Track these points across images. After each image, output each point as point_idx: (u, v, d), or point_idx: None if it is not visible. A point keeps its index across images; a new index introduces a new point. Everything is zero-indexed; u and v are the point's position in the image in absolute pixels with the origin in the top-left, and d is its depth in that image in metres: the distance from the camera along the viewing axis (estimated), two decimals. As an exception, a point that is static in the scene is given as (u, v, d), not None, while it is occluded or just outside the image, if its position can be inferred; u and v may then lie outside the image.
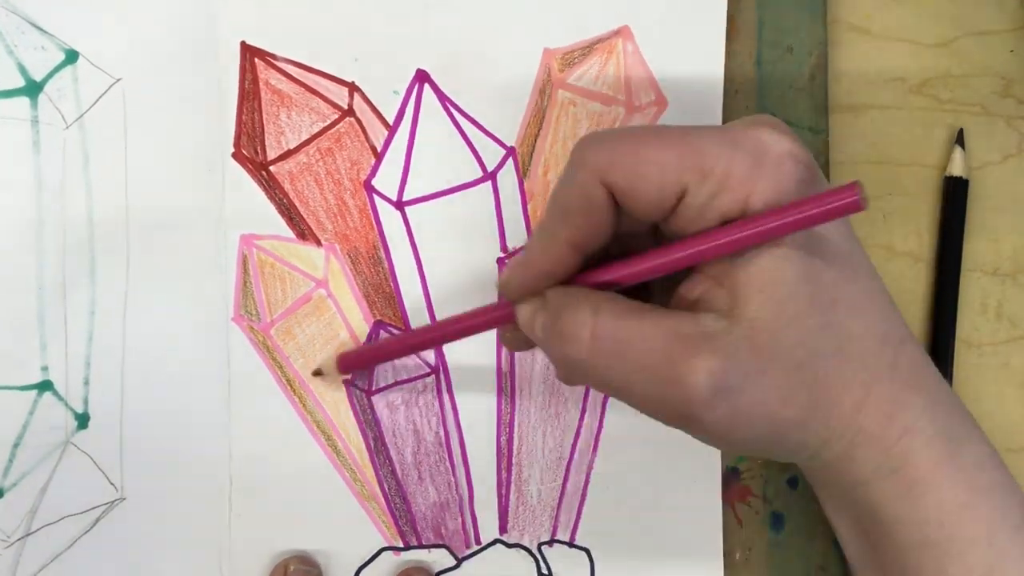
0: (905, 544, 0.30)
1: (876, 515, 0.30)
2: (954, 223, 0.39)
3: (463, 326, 0.33)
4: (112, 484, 0.38)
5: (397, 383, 0.38)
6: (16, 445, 0.37)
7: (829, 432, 0.29)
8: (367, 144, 0.38)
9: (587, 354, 0.28)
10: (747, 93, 0.39)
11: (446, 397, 0.39)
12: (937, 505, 0.29)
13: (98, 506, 0.38)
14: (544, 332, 0.30)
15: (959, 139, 0.39)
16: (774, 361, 0.27)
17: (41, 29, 0.37)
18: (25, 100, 0.37)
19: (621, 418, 0.39)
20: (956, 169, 0.39)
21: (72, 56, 0.37)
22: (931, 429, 0.29)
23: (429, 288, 0.38)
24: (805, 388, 0.28)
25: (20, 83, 0.37)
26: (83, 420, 0.38)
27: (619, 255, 0.30)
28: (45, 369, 0.37)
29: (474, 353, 0.39)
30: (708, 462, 0.39)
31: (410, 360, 0.38)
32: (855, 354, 0.29)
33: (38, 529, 0.37)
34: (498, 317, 0.32)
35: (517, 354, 0.39)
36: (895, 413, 0.29)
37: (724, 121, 0.38)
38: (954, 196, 0.39)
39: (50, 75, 0.37)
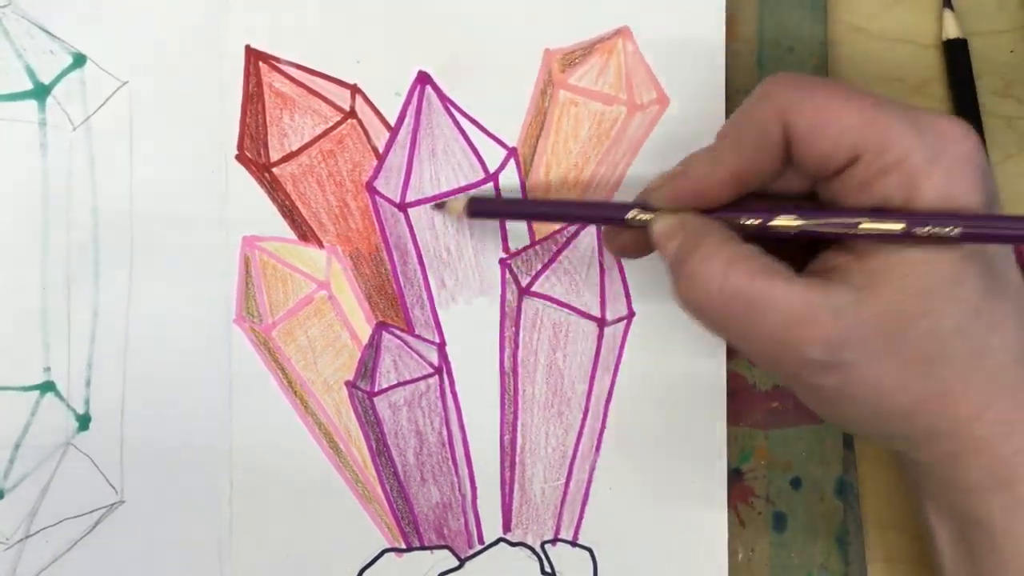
0: (1009, 556, 0.29)
1: (981, 524, 0.30)
2: (964, 86, 0.39)
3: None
4: (112, 486, 0.38)
5: (400, 383, 0.38)
6: (17, 446, 0.37)
7: (938, 431, 0.29)
8: (369, 146, 0.38)
9: (710, 304, 0.29)
10: (749, 92, 0.39)
11: (449, 397, 0.39)
12: None
13: (98, 508, 0.38)
14: (673, 260, 0.30)
15: (947, 2, 0.40)
16: (899, 347, 0.28)
17: (50, 33, 0.37)
18: (33, 103, 0.37)
19: (624, 418, 0.39)
20: (951, 31, 0.39)
21: (80, 60, 0.37)
22: None
23: (432, 290, 0.38)
24: (923, 381, 0.28)
25: (28, 86, 0.37)
26: (84, 422, 0.38)
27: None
28: (47, 370, 0.37)
29: (477, 353, 0.39)
30: (713, 462, 0.39)
31: (412, 360, 0.38)
32: (985, 366, 0.28)
33: (37, 531, 0.37)
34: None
35: (520, 354, 0.39)
36: (1015, 432, 0.28)
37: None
38: (957, 59, 0.39)
39: (58, 78, 0.37)
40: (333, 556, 0.38)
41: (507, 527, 0.39)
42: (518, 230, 0.39)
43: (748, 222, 0.30)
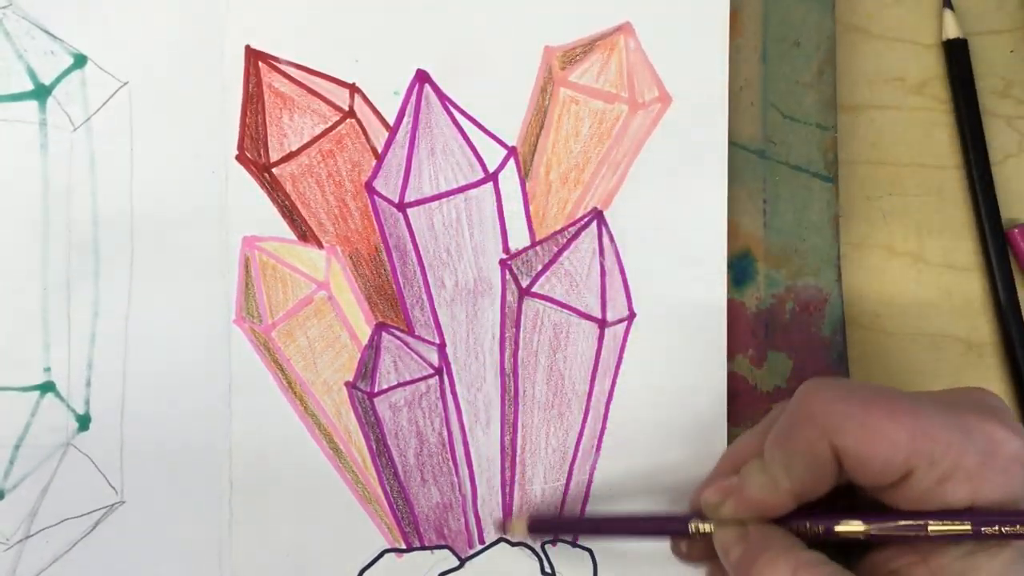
0: None
1: None
2: (964, 86, 0.40)
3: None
4: (112, 487, 0.38)
5: (400, 384, 0.38)
6: (17, 446, 0.37)
7: None
8: (368, 146, 0.38)
9: None
10: (753, 88, 0.39)
11: (449, 398, 0.39)
12: None
13: (98, 509, 0.37)
14: (736, 569, 0.30)
15: (947, 2, 0.40)
16: None
17: (51, 34, 0.37)
18: (33, 103, 0.37)
19: (624, 419, 0.39)
20: (951, 31, 0.39)
21: (80, 60, 0.37)
22: None
23: (431, 290, 0.38)
24: None
25: (29, 87, 0.37)
26: (84, 422, 0.38)
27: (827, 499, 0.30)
28: (47, 370, 0.37)
29: (477, 353, 0.39)
30: (714, 463, 0.38)
31: (412, 361, 0.38)
32: None
33: (38, 532, 0.37)
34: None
35: (520, 354, 0.39)
36: None
37: (731, 117, 0.38)
38: (957, 59, 0.39)
39: (59, 79, 0.37)
40: (333, 556, 0.38)
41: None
42: (518, 231, 0.39)
43: (812, 528, 0.30)
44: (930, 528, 0.28)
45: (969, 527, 0.28)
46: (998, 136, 0.40)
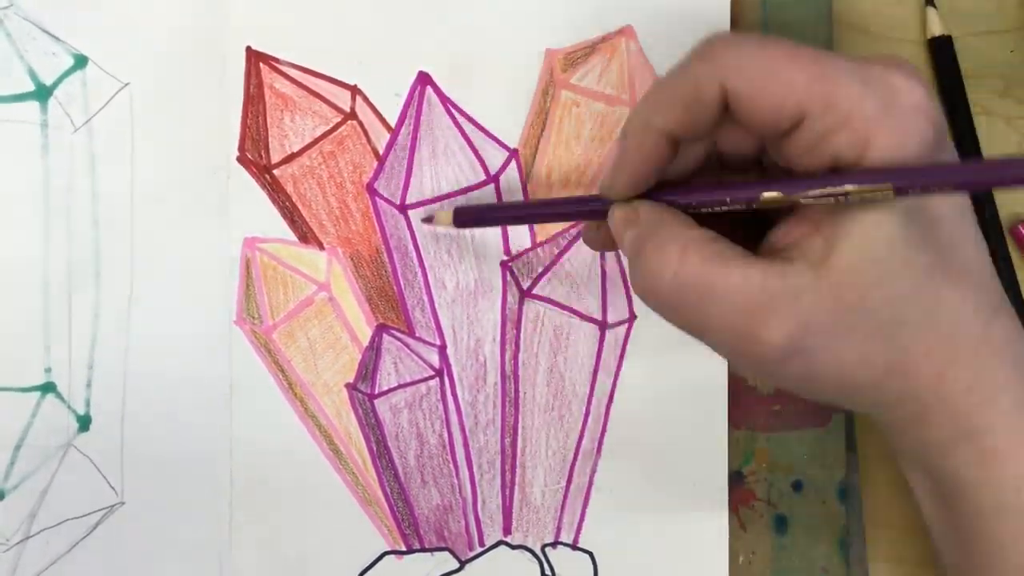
0: (981, 509, 0.29)
1: (951, 478, 0.30)
2: (952, 82, 0.40)
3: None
4: (112, 488, 0.38)
5: (400, 386, 0.38)
6: (18, 447, 0.37)
7: (903, 396, 0.29)
8: (369, 147, 0.38)
9: (667, 295, 0.28)
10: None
11: (450, 400, 0.39)
12: (1015, 473, 0.29)
13: (98, 510, 0.37)
14: (629, 252, 0.30)
15: (929, 0, 0.40)
16: (856, 322, 0.27)
17: (52, 35, 0.37)
18: (35, 104, 0.37)
19: (625, 421, 0.39)
20: (935, 29, 0.40)
21: (81, 61, 0.37)
22: (1011, 401, 0.29)
23: (432, 291, 0.38)
24: (884, 352, 0.28)
25: (30, 87, 0.37)
26: (84, 423, 0.37)
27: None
28: (48, 371, 0.37)
29: (478, 355, 0.39)
30: (714, 465, 0.38)
31: (413, 362, 0.38)
32: (944, 324, 0.28)
33: (37, 532, 0.37)
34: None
35: (521, 356, 0.39)
36: (977, 385, 0.28)
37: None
38: (943, 57, 0.40)
39: (60, 80, 0.37)
40: (333, 558, 0.38)
41: (507, 530, 0.39)
42: (519, 232, 0.39)
43: (710, 203, 0.29)
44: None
45: (891, 187, 0.26)
46: (998, 136, 0.40)
